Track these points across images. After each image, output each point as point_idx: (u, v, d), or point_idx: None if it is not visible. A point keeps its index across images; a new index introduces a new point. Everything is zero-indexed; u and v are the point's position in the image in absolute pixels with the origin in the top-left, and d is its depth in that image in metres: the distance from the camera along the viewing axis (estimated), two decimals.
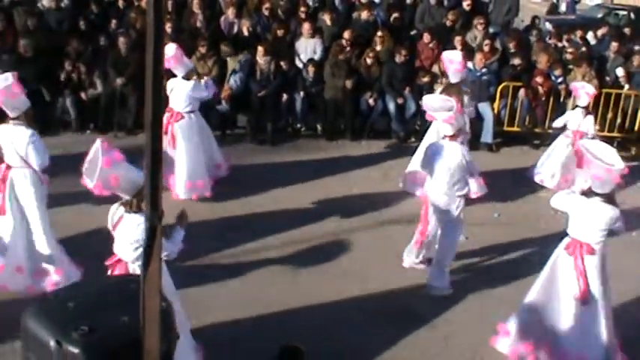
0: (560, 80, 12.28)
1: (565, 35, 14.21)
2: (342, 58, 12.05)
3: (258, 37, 12.62)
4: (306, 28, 12.59)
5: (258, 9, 13.30)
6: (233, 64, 11.90)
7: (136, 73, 11.12)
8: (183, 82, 9.27)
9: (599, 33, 14.83)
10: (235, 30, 12.91)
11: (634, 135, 12.59)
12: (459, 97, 8.50)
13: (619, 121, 12.51)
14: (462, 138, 8.01)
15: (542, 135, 12.29)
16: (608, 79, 12.79)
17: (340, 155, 11.49)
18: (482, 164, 9.10)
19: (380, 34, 12.57)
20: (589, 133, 10.10)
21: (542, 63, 12.59)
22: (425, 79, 12.06)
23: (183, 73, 9.29)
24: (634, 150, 12.40)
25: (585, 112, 10.36)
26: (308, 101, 12.12)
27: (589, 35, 14.92)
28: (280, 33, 12.60)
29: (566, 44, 13.71)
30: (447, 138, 7.55)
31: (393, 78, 12.15)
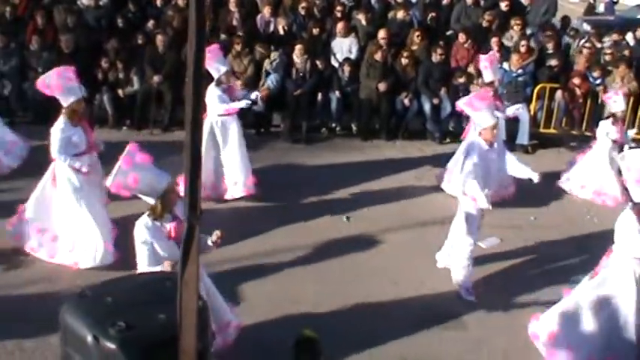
0: (599, 82, 12.12)
1: (606, 37, 13.98)
2: (378, 57, 12.00)
3: (293, 36, 12.65)
4: (341, 27, 12.59)
5: (294, 8, 13.34)
6: (266, 64, 11.92)
7: (173, 71, 11.19)
8: (212, 88, 8.94)
9: (638, 34, 14.58)
10: (271, 29, 12.96)
11: None
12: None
13: None
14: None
15: (578, 137, 12.14)
16: None
17: (375, 155, 11.45)
18: None
19: (417, 33, 12.52)
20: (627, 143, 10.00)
21: (580, 64, 12.43)
22: (461, 79, 11.99)
23: (217, 74, 8.95)
24: None
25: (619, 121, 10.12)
26: (343, 101, 12.10)
27: (628, 36, 14.67)
28: (316, 32, 12.63)
29: (605, 45, 13.52)
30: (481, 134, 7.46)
31: (429, 78, 12.10)
